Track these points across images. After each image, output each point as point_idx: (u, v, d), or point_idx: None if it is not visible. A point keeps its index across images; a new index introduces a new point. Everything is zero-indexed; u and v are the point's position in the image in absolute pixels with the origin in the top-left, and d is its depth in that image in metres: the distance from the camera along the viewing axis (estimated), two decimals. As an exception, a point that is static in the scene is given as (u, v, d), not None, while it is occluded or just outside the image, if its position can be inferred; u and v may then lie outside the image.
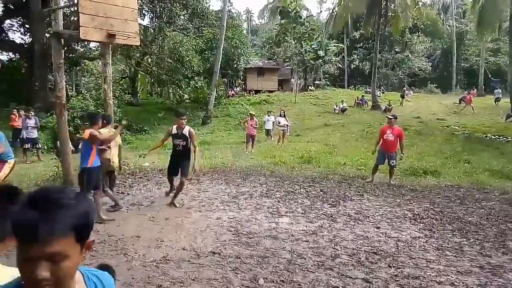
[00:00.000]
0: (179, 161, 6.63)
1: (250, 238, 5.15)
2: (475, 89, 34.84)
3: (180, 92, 28.24)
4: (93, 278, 1.14)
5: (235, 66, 33.05)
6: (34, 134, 12.02)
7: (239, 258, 4.44)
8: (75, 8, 7.64)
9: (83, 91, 27.86)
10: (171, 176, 7.07)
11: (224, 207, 6.67)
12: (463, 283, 3.93)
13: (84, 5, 6.88)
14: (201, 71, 27.81)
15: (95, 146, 5.68)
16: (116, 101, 16.23)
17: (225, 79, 34.60)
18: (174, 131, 6.62)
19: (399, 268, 4.27)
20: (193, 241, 4.97)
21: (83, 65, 29.06)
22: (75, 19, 11.75)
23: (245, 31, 50.92)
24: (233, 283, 3.81)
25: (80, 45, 25.31)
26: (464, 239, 5.30)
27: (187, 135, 6.56)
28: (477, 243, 5.16)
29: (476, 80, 42.75)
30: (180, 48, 24.49)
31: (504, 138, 15.64)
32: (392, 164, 9.02)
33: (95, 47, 25.56)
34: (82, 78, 38.08)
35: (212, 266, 4.19)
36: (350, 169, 10.72)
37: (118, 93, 20.09)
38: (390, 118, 9.28)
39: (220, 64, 25.20)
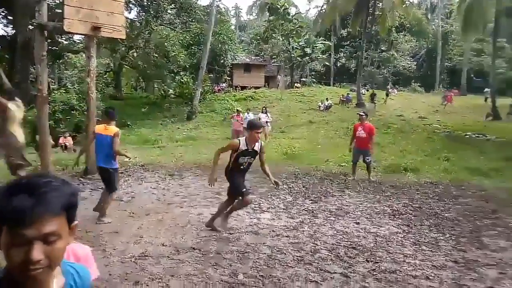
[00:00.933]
0: (244, 179, 5.32)
1: (231, 233, 5.16)
2: (458, 89, 35.67)
3: (165, 87, 28.00)
4: (71, 270, 1.14)
5: (222, 61, 32.91)
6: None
7: (219, 253, 4.44)
8: (60, 0, 7.50)
9: (67, 84, 27.42)
10: (237, 196, 5.43)
11: (206, 203, 6.66)
12: (438, 277, 4.01)
13: (68, -4, 6.78)
14: (187, 66, 27.63)
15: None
16: (99, 95, 16.02)
17: (212, 75, 34.38)
18: (244, 146, 5.03)
19: (377, 262, 4.33)
20: (173, 236, 4.96)
21: (66, 58, 28.55)
22: (60, 11, 11.54)
23: (233, 27, 50.79)
24: (213, 279, 3.81)
25: (63, 38, 24.84)
26: (441, 234, 5.41)
27: (259, 150, 5.18)
28: (453, 238, 5.27)
29: (459, 80, 43.60)
30: (166, 43, 24.32)
31: (484, 137, 15.99)
32: (368, 161, 9.03)
33: (79, 40, 25.16)
34: (65, 71, 37.35)
35: (191, 262, 4.19)
36: (333, 166, 10.83)
37: (101, 86, 19.80)
38: (361, 115, 9.26)
39: (206, 59, 25.08)
